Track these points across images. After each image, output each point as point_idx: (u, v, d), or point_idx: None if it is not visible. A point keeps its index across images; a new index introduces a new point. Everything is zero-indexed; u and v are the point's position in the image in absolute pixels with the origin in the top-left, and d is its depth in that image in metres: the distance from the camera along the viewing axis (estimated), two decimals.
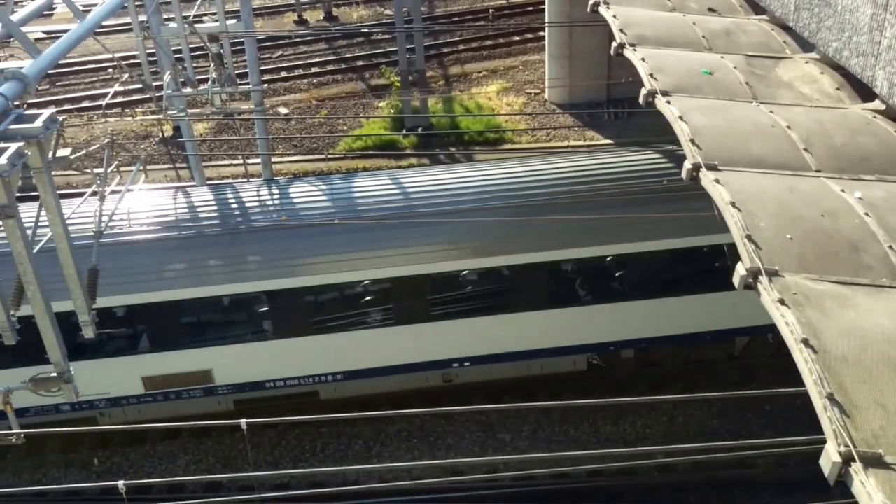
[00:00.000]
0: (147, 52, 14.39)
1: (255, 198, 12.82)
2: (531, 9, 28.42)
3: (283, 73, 25.50)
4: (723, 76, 7.46)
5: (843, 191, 5.72)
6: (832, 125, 6.65)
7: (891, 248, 5.11)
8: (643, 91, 7.14)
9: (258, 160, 17.89)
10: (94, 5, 8.09)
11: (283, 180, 13.90)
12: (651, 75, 7.26)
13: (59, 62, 7.03)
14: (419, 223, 12.25)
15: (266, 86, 22.60)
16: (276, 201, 12.74)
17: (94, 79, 25.83)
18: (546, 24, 23.52)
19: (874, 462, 3.67)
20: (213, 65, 13.72)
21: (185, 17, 13.84)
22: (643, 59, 7.59)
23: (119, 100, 23.59)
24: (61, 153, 6.79)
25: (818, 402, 4.04)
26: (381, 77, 25.03)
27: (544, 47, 23.79)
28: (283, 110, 23.40)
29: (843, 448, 3.73)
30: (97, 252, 8.87)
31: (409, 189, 12.90)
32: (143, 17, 13.93)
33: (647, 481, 12.86)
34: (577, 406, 13.83)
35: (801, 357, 4.31)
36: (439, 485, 12.46)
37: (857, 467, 3.66)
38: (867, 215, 5.39)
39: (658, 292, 13.04)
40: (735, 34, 8.49)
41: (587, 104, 22.62)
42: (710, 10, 9.30)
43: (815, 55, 7.89)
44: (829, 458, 3.77)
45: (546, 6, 22.80)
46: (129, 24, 19.92)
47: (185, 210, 12.62)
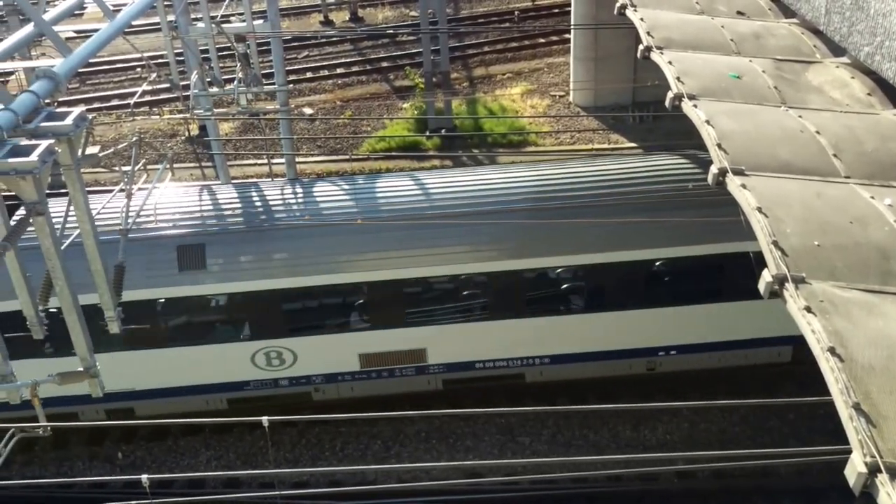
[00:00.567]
0: (175, 51, 14.56)
1: (486, 184, 13.13)
2: (557, 11, 28.35)
3: (309, 74, 25.66)
4: (751, 80, 7.39)
5: (872, 198, 5.64)
6: (862, 131, 6.56)
7: None
8: (670, 95, 7.10)
9: (282, 160, 18.02)
10: (124, 5, 8.20)
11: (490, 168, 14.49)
12: (678, 79, 7.21)
13: (89, 61, 7.13)
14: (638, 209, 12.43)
15: (291, 86, 22.76)
16: (503, 189, 12.99)
17: (123, 78, 26.18)
18: (572, 27, 23.45)
19: None
20: (239, 65, 13.85)
21: (213, 18, 13.98)
22: (670, 63, 7.55)
23: (147, 99, 23.88)
24: (90, 151, 6.88)
25: (844, 412, 3.99)
26: (405, 78, 25.10)
27: (569, 49, 23.71)
28: (308, 111, 23.55)
29: (869, 458, 3.68)
30: (123, 249, 8.98)
31: (616, 177, 13.13)
32: (171, 17, 14.09)
33: (666, 487, 12.76)
34: (598, 411, 13.77)
35: (827, 365, 4.25)
36: (457, 486, 12.46)
37: (883, 478, 3.61)
38: None
39: None
40: (764, 38, 8.41)
41: (612, 107, 22.51)
42: (739, 13, 9.22)
43: (845, 59, 7.78)
44: (855, 468, 3.72)
45: (572, 8, 22.72)
46: (157, 23, 20.16)
47: (421, 196, 12.97)
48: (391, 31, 27.27)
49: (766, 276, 4.90)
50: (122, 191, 10.79)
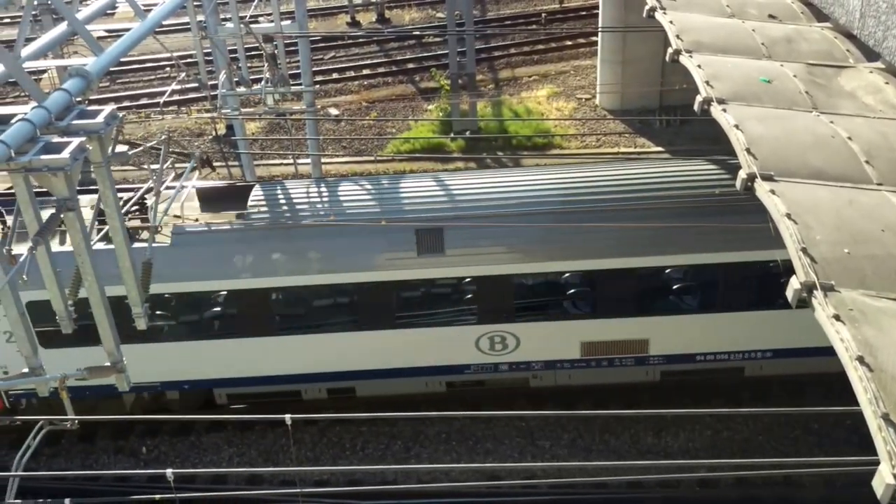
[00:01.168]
0: (204, 51, 14.73)
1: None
2: (584, 13, 28.24)
3: (335, 75, 25.79)
4: (782, 85, 7.30)
5: None
6: None
7: None
8: (698, 98, 7.04)
9: (308, 160, 18.13)
10: (155, 5, 8.30)
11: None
12: (707, 83, 7.14)
13: (119, 60, 7.22)
14: None
15: (317, 87, 22.89)
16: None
17: (152, 77, 26.49)
18: (599, 29, 23.33)
19: None
20: (266, 65, 13.96)
21: (242, 18, 14.11)
22: (699, 66, 7.48)
23: (175, 98, 24.15)
24: (120, 149, 6.98)
25: (872, 422, 3.93)
26: (430, 80, 25.13)
27: (596, 52, 23.60)
28: (334, 111, 23.68)
29: None
30: (152, 246, 9.08)
31: None
32: (200, 18, 14.25)
33: (688, 495, 12.63)
34: (619, 416, 13.68)
35: (855, 375, 4.19)
36: (477, 489, 12.45)
37: None
38: None
39: None
40: (796, 42, 8.31)
41: (639, 111, 22.36)
42: (771, 16, 9.11)
43: (880, 64, 7.66)
44: (883, 479, 3.66)
45: (600, 11, 22.61)
46: (187, 23, 20.40)
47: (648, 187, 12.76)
48: (418, 33, 27.33)
49: (794, 284, 4.84)
50: (149, 189, 10.92)
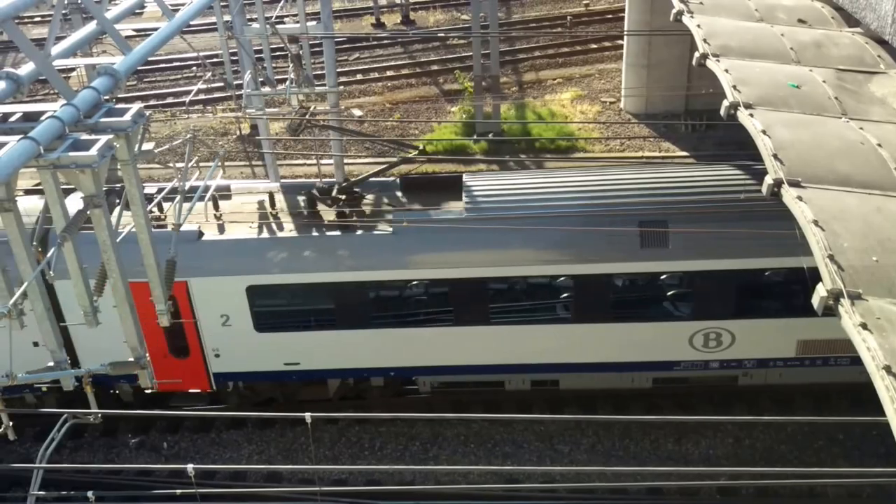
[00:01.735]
0: (229, 51, 14.84)
1: None
2: (610, 17, 28.10)
3: (359, 76, 25.89)
4: (810, 90, 7.21)
5: None
6: None
7: None
8: (725, 103, 6.97)
9: (331, 161, 18.20)
10: (182, 5, 8.39)
11: None
12: (734, 87, 7.07)
13: (147, 59, 7.30)
14: None
15: (342, 88, 22.98)
16: None
17: (179, 76, 26.77)
18: (625, 33, 23.21)
19: None
20: (291, 65, 14.04)
21: (268, 19, 14.21)
22: (726, 71, 7.41)
23: (201, 97, 24.38)
24: (146, 147, 7.04)
25: None
26: (454, 82, 25.15)
27: (621, 56, 23.47)
28: (357, 112, 23.76)
29: None
30: (176, 244, 9.14)
31: None
32: (227, 18, 14.37)
33: (708, 503, 12.49)
34: (640, 422, 13.57)
35: (882, 384, 4.12)
36: (494, 492, 12.41)
37: None
38: None
39: None
40: (826, 47, 8.20)
41: (664, 115, 22.20)
42: (801, 20, 9.00)
43: None
44: None
45: (626, 14, 22.49)
46: (213, 23, 20.59)
47: None
48: (442, 35, 27.35)
49: (820, 291, 4.77)
50: (175, 187, 11.01)
